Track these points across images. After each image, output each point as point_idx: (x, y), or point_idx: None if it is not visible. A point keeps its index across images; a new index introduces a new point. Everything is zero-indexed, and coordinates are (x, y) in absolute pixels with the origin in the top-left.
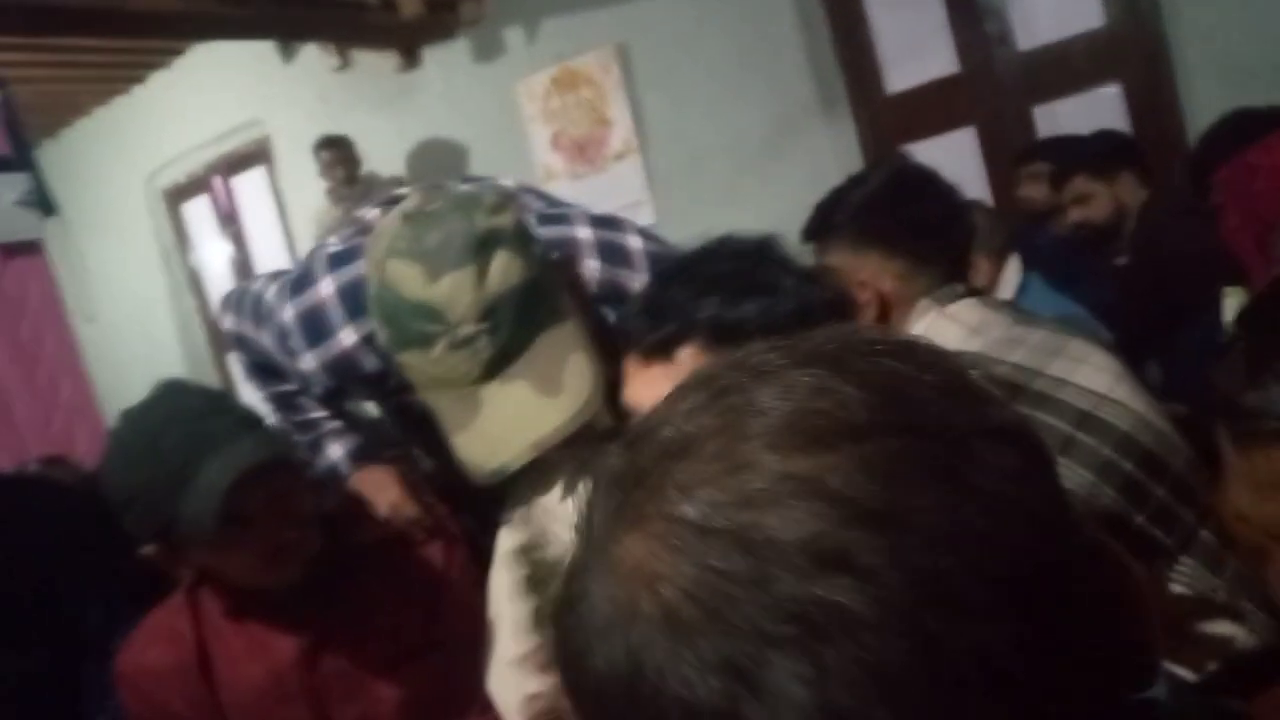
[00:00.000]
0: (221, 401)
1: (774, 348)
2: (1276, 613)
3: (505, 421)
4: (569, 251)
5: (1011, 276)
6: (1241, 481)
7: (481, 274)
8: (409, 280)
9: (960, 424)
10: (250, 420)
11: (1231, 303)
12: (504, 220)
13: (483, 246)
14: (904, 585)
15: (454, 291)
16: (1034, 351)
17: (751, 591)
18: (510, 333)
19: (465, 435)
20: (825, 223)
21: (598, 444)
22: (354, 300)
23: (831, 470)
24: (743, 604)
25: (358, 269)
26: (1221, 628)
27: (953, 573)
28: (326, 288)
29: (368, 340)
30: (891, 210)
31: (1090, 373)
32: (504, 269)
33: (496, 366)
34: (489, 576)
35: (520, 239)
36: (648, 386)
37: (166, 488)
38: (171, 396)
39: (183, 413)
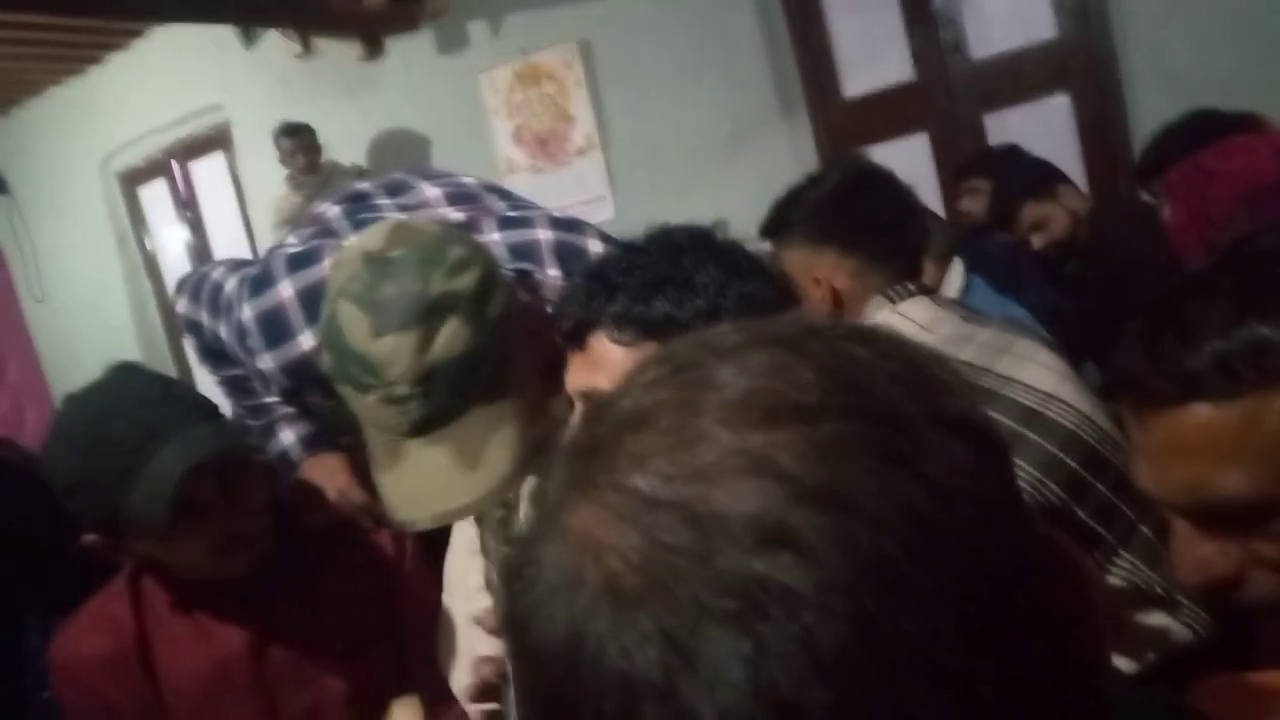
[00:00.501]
0: (172, 388)
1: (738, 328)
2: (1212, 607)
3: (419, 483)
4: (532, 261)
5: (955, 279)
6: (1141, 455)
7: (425, 341)
8: (355, 327)
9: (914, 411)
10: (203, 407)
11: None
12: (463, 283)
13: (432, 312)
14: (845, 566)
15: (393, 353)
16: (982, 349)
17: (694, 565)
18: (443, 402)
19: (386, 477)
20: (782, 220)
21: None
22: (313, 304)
23: (781, 448)
24: (684, 577)
25: (317, 272)
26: (1157, 619)
27: (895, 557)
28: (286, 290)
29: None
30: (848, 209)
31: (1036, 371)
32: (449, 339)
33: (423, 428)
34: (441, 566)
35: (476, 303)
36: (571, 374)
37: (114, 476)
38: (120, 381)
39: (132, 399)
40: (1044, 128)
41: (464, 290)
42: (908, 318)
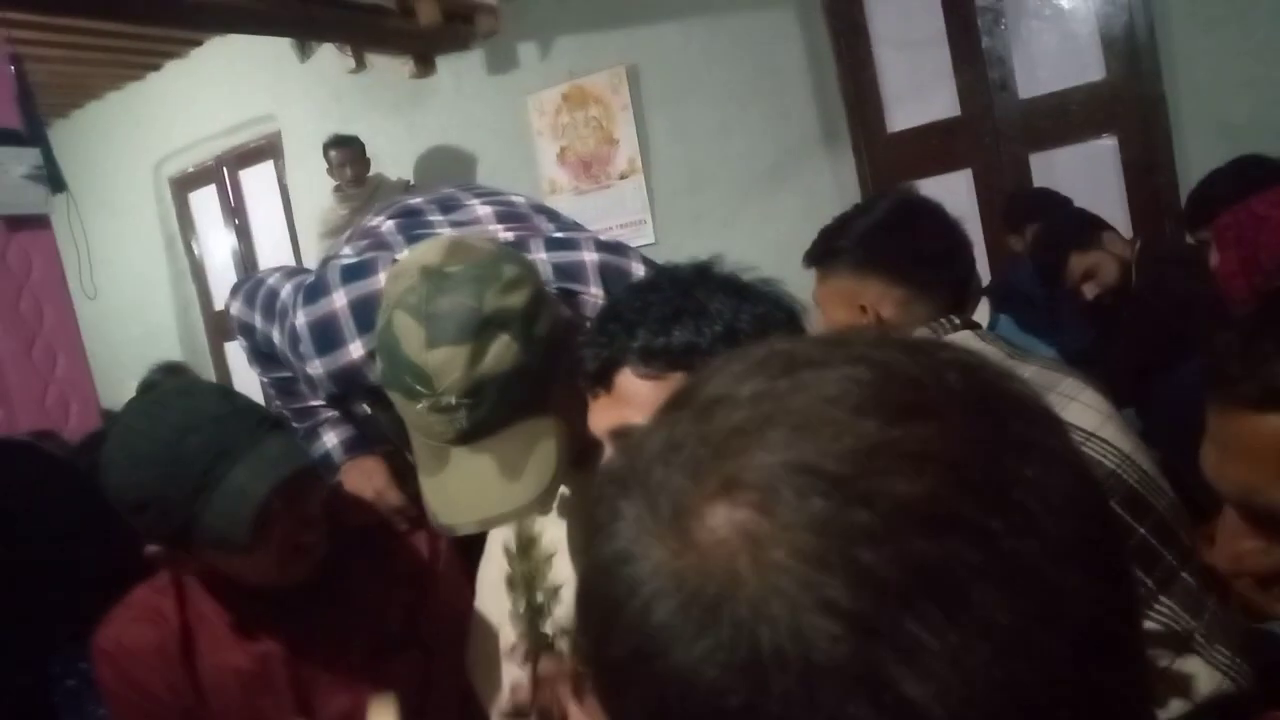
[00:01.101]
0: (237, 400)
1: (818, 339)
2: (1250, 658)
3: (462, 489)
4: (576, 281)
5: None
6: (1211, 440)
7: (476, 355)
8: (409, 338)
9: (1034, 405)
10: (268, 420)
11: None
12: (514, 300)
13: (484, 327)
14: (1028, 549)
15: (445, 365)
16: None
17: (872, 548)
18: (490, 412)
19: (429, 482)
20: (830, 247)
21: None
22: (365, 315)
23: (933, 438)
24: (865, 561)
25: (370, 284)
26: (1193, 667)
27: (1070, 538)
28: (339, 300)
29: (374, 355)
30: (897, 238)
31: (1080, 410)
32: (499, 354)
33: (469, 437)
34: (475, 571)
35: (526, 321)
36: (597, 416)
37: (188, 494)
38: (187, 396)
39: (202, 414)
40: (1090, 169)
41: (516, 308)
42: None
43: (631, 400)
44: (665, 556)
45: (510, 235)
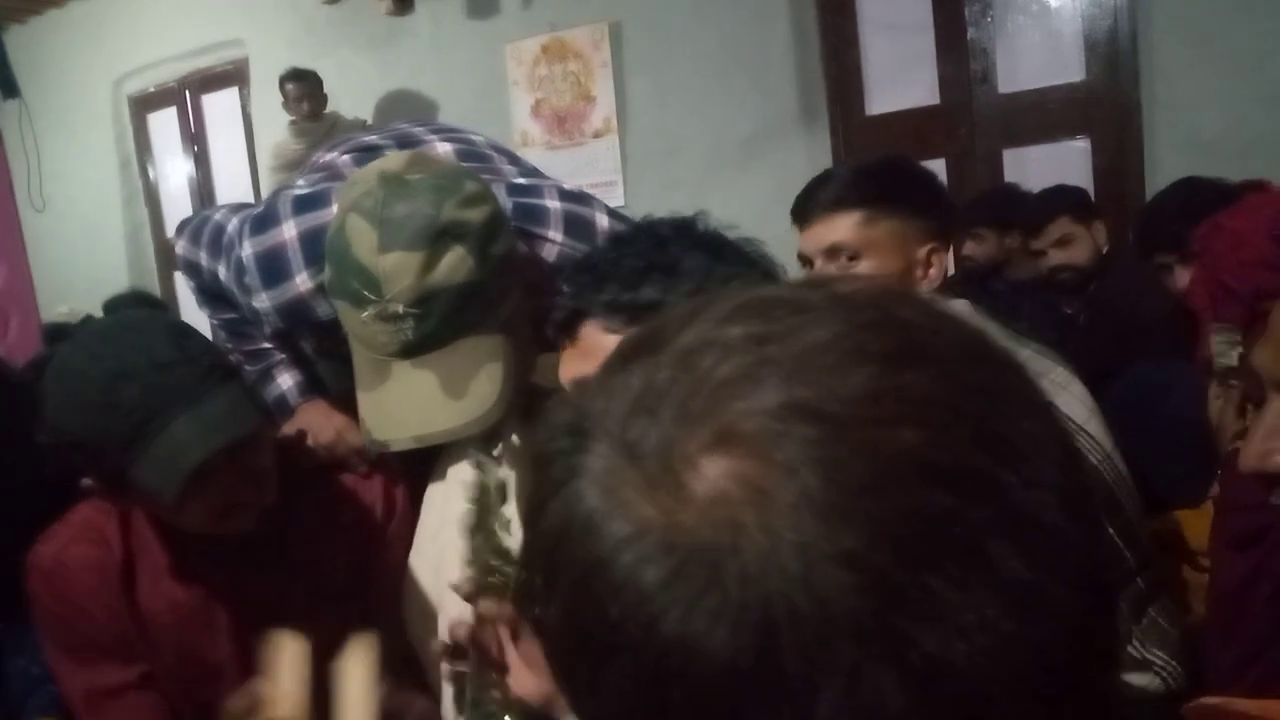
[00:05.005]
0: (188, 345)
1: (808, 281)
2: (1185, 663)
3: (402, 404)
4: (537, 224)
5: None
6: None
7: (429, 264)
8: (361, 240)
9: (1016, 361)
10: (219, 370)
11: (1220, 337)
12: (473, 215)
13: (440, 237)
14: (1036, 500)
15: (396, 271)
16: None
17: (883, 499)
18: (436, 326)
19: (367, 396)
20: (890, 188)
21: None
22: (314, 247)
23: (936, 386)
24: (879, 512)
25: (321, 216)
26: (1129, 675)
27: (1067, 490)
28: (289, 230)
29: (323, 288)
30: (887, 185)
31: (1069, 400)
32: (452, 266)
33: (413, 351)
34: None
35: (483, 237)
36: (564, 366)
37: (123, 443)
38: (135, 336)
39: (142, 361)
40: (1061, 169)
41: (474, 222)
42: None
43: (595, 353)
44: (654, 514)
45: None
